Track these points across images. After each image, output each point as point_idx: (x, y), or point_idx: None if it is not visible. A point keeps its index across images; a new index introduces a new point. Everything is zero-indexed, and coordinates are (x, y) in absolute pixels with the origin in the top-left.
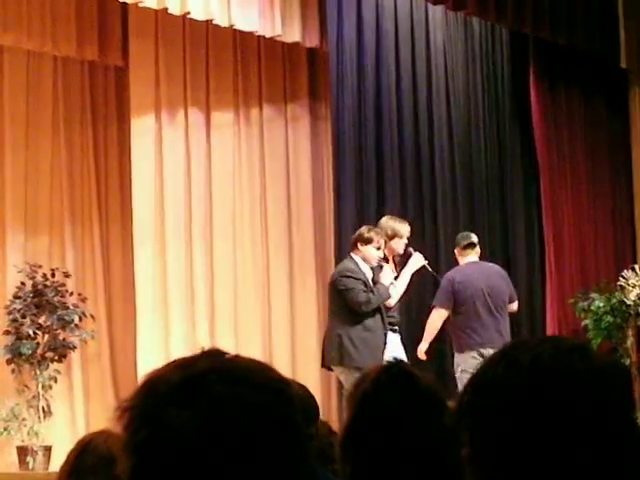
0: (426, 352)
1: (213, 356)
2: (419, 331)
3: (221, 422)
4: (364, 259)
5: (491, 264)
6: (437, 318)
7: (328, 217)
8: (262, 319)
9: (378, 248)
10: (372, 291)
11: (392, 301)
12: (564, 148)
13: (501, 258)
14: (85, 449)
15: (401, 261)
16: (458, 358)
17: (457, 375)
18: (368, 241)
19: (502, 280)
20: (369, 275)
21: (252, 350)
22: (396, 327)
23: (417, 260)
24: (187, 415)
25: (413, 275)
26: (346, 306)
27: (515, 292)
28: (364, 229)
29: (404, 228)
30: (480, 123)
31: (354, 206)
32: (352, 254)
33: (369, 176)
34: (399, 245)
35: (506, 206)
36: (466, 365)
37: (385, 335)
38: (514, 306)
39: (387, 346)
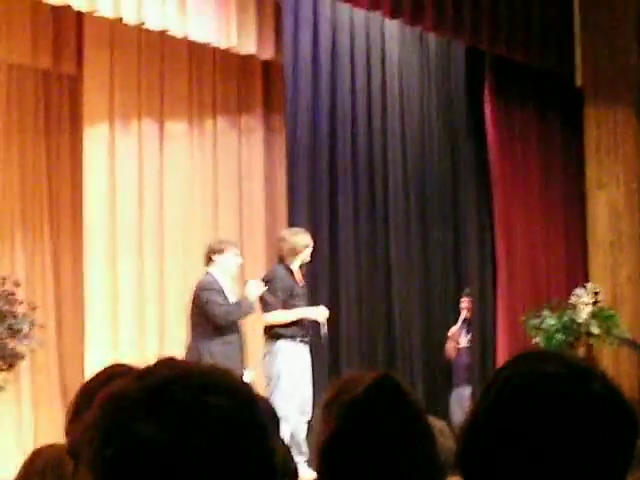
0: None
1: (169, 364)
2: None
3: (190, 431)
4: (223, 270)
5: None
6: None
7: (280, 229)
8: None
9: (235, 255)
10: (237, 303)
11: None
12: (518, 165)
13: (453, 274)
14: (34, 456)
15: (307, 271)
16: None
17: None
18: (220, 251)
19: None
20: (229, 287)
21: None
22: (307, 339)
23: (252, 287)
24: (156, 428)
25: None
26: (207, 320)
27: None
28: (214, 241)
29: (304, 239)
30: (434, 139)
31: (306, 219)
32: (208, 268)
33: (322, 190)
34: (306, 255)
35: (459, 223)
36: None
37: (242, 349)
38: None
39: (299, 359)
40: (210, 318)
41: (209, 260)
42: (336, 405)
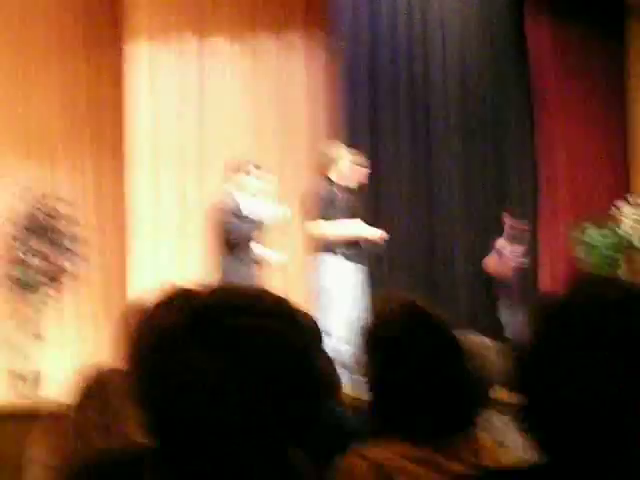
0: None
1: (211, 289)
2: None
3: (241, 356)
4: (244, 189)
5: None
6: None
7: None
8: None
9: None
10: (250, 221)
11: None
12: (560, 81)
13: (495, 191)
14: (94, 378)
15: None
16: None
17: None
18: (243, 171)
19: None
20: (248, 205)
21: None
22: (358, 257)
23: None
24: (207, 356)
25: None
26: (222, 239)
27: None
28: (236, 161)
29: (342, 151)
30: (474, 56)
31: (347, 135)
32: (229, 187)
33: (363, 105)
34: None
35: (500, 138)
36: None
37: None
38: None
39: (348, 276)
40: (224, 237)
41: (231, 178)
42: (375, 341)
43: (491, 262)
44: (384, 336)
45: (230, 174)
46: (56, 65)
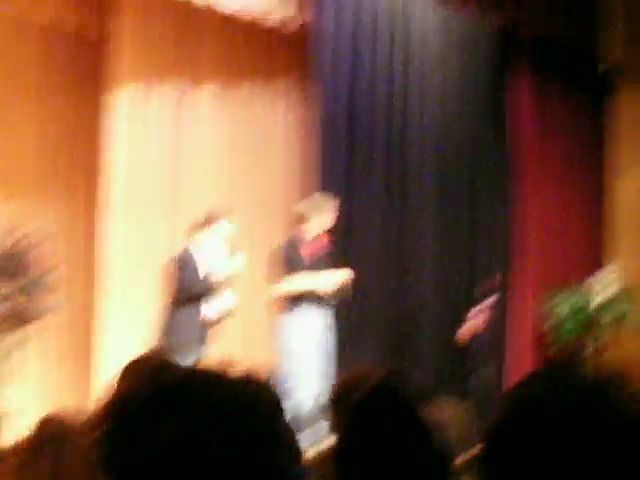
0: None
1: (172, 371)
2: None
3: (190, 440)
4: (201, 245)
5: None
6: None
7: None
8: None
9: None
10: (203, 280)
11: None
12: (538, 144)
13: (466, 255)
14: (46, 423)
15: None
16: None
17: None
18: (202, 226)
19: None
20: (209, 258)
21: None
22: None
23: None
24: (158, 436)
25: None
26: (173, 291)
27: None
28: (204, 216)
29: (311, 209)
30: (453, 114)
31: (323, 188)
32: (188, 241)
33: (340, 161)
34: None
35: (475, 200)
36: None
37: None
38: None
39: (312, 333)
40: (175, 291)
41: (193, 232)
42: (342, 406)
43: (464, 331)
44: (350, 406)
45: (192, 231)
46: (35, 104)
